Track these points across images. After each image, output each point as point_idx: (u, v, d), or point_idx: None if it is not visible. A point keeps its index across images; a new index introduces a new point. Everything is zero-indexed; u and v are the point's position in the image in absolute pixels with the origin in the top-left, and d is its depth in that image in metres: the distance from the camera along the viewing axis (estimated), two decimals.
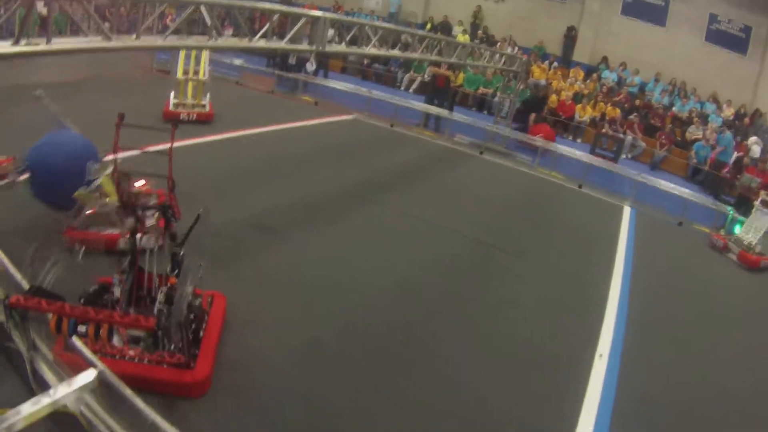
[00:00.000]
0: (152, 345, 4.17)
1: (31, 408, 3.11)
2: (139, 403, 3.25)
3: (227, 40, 7.32)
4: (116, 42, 6.03)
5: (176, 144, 5.44)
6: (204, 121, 11.71)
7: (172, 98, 11.75)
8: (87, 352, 3.60)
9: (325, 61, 18.88)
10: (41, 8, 6.27)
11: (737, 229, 11.00)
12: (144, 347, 4.21)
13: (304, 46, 7.79)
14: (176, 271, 4.60)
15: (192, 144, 10.10)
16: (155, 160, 5.51)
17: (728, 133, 16.30)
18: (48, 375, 3.60)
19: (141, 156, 5.56)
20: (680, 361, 6.19)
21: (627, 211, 11.99)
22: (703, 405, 5.43)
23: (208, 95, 12.08)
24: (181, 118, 11.19)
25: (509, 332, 6.20)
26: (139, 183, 6.67)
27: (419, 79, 18.53)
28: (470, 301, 6.77)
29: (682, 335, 6.87)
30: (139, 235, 4.75)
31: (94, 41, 5.97)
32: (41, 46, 5.47)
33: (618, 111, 17.06)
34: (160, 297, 4.38)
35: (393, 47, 9.81)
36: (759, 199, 10.98)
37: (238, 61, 17.37)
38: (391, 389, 4.86)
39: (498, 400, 5.00)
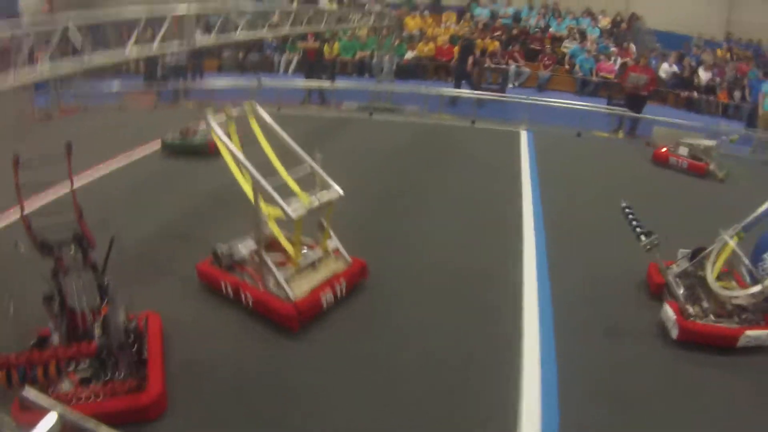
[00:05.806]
0: (100, 369, 4.16)
1: None
2: (104, 429, 2.91)
3: (100, 56, 6.91)
4: None
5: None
6: None
7: None
8: (42, 397, 3.27)
9: (199, 64, 18.16)
10: None
11: None
12: (93, 373, 4.21)
13: (174, 46, 7.54)
14: (105, 301, 4.52)
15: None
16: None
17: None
18: None
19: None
20: (599, 253, 6.63)
21: (524, 134, 12.18)
22: (616, 279, 6.02)
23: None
24: None
25: (436, 261, 6.34)
26: None
27: (296, 58, 18.08)
28: (386, 242, 6.79)
29: (595, 228, 7.32)
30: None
31: None
32: None
33: (497, 43, 17.26)
34: (97, 330, 4.35)
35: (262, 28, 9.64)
36: None
37: (116, 86, 16.43)
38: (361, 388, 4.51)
39: (434, 322, 5.22)
